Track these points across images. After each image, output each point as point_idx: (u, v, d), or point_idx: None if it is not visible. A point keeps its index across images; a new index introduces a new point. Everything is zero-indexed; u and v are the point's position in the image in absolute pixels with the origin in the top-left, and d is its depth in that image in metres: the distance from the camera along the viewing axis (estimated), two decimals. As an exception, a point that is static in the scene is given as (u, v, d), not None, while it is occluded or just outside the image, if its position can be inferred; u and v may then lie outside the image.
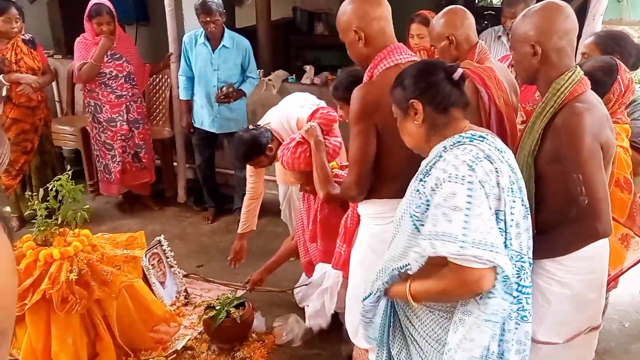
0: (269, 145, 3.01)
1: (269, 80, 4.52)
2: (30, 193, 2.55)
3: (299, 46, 6.61)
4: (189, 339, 2.87)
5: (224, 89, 3.94)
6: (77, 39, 3.96)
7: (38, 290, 2.29)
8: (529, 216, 1.56)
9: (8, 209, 4.32)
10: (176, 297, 3.27)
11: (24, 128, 3.92)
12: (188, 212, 4.57)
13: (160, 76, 4.70)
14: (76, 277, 2.34)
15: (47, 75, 4.07)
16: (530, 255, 1.59)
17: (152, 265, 3.19)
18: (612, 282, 2.37)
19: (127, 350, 2.70)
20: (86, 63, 3.88)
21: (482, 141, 1.48)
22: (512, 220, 1.47)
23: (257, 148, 2.97)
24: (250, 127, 3.11)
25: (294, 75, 4.61)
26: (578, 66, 1.76)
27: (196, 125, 4.14)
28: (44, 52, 4.18)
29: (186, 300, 3.27)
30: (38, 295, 2.28)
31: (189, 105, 4.14)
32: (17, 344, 2.44)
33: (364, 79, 1.95)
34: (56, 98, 5.30)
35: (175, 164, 4.75)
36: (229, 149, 4.44)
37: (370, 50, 1.91)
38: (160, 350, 2.78)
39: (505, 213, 1.45)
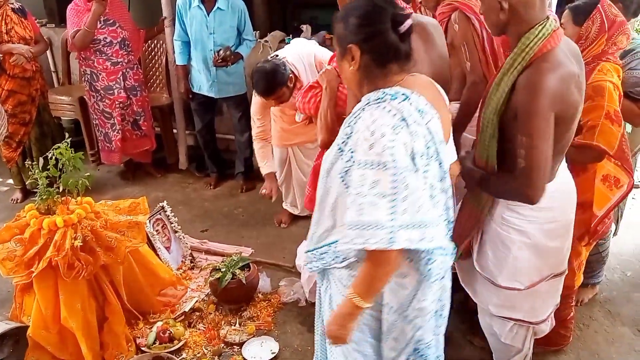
0: (290, 76, 2.96)
1: (266, 41, 4.44)
2: (30, 163, 2.55)
3: (295, 5, 6.45)
4: (196, 301, 2.91)
5: (221, 52, 3.88)
6: (69, 6, 3.89)
7: (44, 258, 2.31)
8: (446, 177, 1.52)
9: (11, 181, 4.35)
10: (182, 261, 3.31)
11: (20, 99, 3.89)
12: (190, 179, 4.58)
13: (155, 42, 4.63)
14: (81, 244, 2.36)
15: (40, 44, 4.01)
16: (450, 214, 1.58)
17: (157, 230, 3.21)
18: (601, 223, 2.37)
19: (136, 314, 2.75)
20: (79, 30, 3.82)
21: (404, 100, 1.40)
22: (425, 183, 1.42)
23: (279, 78, 2.91)
24: (269, 57, 3.03)
25: (290, 35, 4.53)
26: (550, 17, 1.70)
27: (194, 90, 4.10)
28: (36, 22, 4.11)
29: (192, 264, 3.31)
30: (44, 263, 2.31)
31: (186, 70, 4.09)
32: (26, 311, 2.49)
33: None
34: (52, 68, 5.23)
35: (175, 130, 4.73)
36: (228, 114, 4.42)
37: None
38: (168, 313, 2.83)
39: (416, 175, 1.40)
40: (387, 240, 1.34)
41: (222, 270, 2.89)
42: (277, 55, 3.04)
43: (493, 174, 1.82)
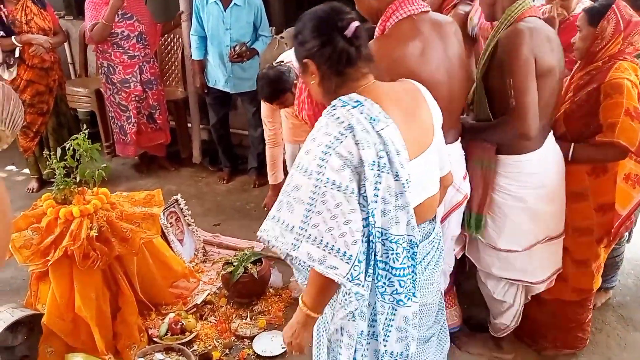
0: (295, 82, 2.96)
1: (281, 37, 4.44)
2: (48, 153, 2.58)
3: (310, 1, 6.47)
4: (208, 294, 2.93)
5: (237, 48, 3.89)
6: (87, -1, 3.92)
7: (60, 247, 2.34)
8: (405, 193, 1.38)
9: (27, 171, 4.39)
10: (195, 254, 3.33)
11: (38, 89, 3.93)
12: (203, 173, 4.60)
13: (172, 36, 4.66)
14: (96, 234, 2.39)
15: (58, 35, 4.05)
16: (415, 234, 1.43)
17: (170, 223, 3.23)
18: (624, 224, 2.39)
19: (149, 305, 2.77)
20: (97, 23, 3.85)
21: (355, 107, 1.36)
22: (377, 195, 1.34)
23: (283, 85, 2.92)
24: (274, 63, 3.05)
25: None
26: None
27: (210, 84, 4.12)
28: (55, 13, 4.15)
29: (204, 257, 3.33)
30: (60, 252, 2.34)
31: (202, 65, 4.11)
32: (41, 299, 2.52)
33: (376, 32, 1.90)
34: (69, 60, 5.28)
35: (189, 124, 4.75)
36: (242, 109, 4.42)
37: (380, 4, 1.84)
38: (180, 305, 2.86)
39: (366, 187, 1.33)
40: (290, 246, 1.34)
41: (234, 264, 2.91)
42: (282, 61, 3.06)
43: (491, 123, 2.08)
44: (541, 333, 2.59)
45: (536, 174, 2.14)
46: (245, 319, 2.79)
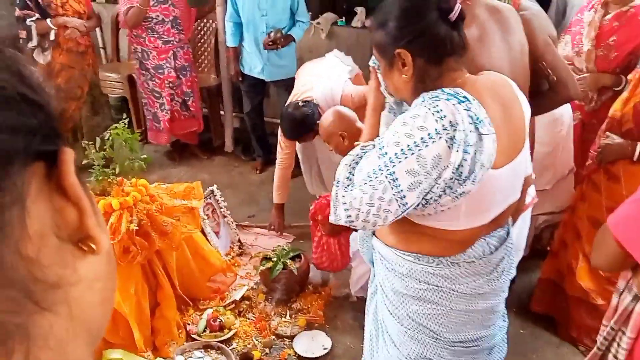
0: (318, 122, 2.92)
1: (317, 23, 4.32)
2: (86, 142, 2.50)
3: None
4: (247, 289, 2.85)
5: (272, 35, 3.76)
6: (122, -18, 3.83)
7: (100, 241, 2.27)
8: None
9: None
10: (230, 247, 3.25)
11: (73, 74, 3.87)
12: (236, 162, 4.51)
13: (205, 21, 4.54)
14: (136, 228, 2.32)
15: (93, 19, 3.98)
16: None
17: (207, 215, 3.15)
18: None
19: (187, 300, 2.71)
20: (132, 7, 3.75)
21: (462, 102, 1.18)
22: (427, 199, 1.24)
23: (308, 126, 2.93)
24: (300, 103, 3.02)
25: (343, 17, 4.39)
26: None
27: (245, 72, 4.00)
28: (88, -3, 4.07)
29: (240, 250, 3.25)
30: (100, 245, 2.26)
31: (236, 52, 3.99)
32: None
33: None
34: (100, 44, 5.21)
35: (222, 112, 4.66)
36: (276, 97, 4.31)
37: None
38: (218, 300, 2.78)
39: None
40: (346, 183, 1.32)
41: (272, 259, 2.82)
42: (308, 100, 3.00)
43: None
44: (592, 338, 2.46)
45: (555, 121, 2.52)
46: (285, 317, 2.71)
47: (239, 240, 3.30)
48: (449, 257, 1.38)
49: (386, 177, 1.22)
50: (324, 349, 2.52)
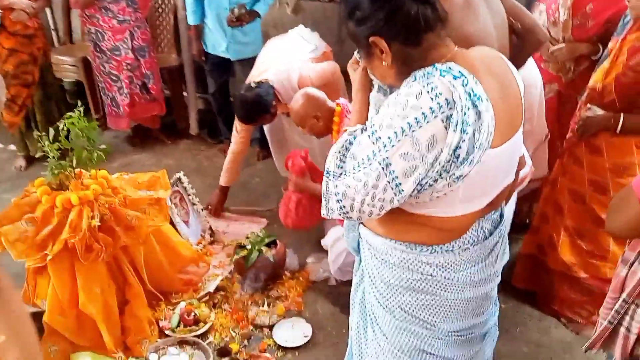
0: (274, 103, 2.88)
1: (283, -3, 4.14)
2: (38, 132, 2.31)
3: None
4: (221, 280, 2.73)
5: (235, 11, 3.57)
6: (70, -42, 3.57)
7: (59, 240, 2.11)
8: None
9: (13, 147, 4.11)
10: (201, 235, 3.11)
11: (22, 59, 3.60)
12: (202, 145, 4.34)
13: (162, -3, 4.30)
14: (99, 224, 2.16)
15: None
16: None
17: (174, 204, 3.00)
18: None
19: (157, 295, 2.57)
20: (82, -15, 3.51)
21: (457, 78, 1.10)
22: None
23: (262, 108, 2.86)
24: (252, 84, 2.92)
25: (309, -10, 4.21)
26: None
27: (209, 51, 3.80)
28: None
29: (212, 239, 3.12)
30: (60, 244, 2.11)
31: (198, 30, 3.78)
32: (40, 294, 2.29)
33: None
34: (51, 26, 4.91)
35: (184, 93, 4.46)
36: (242, 76, 4.12)
37: None
38: (191, 293, 2.66)
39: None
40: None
41: (247, 247, 2.70)
42: (261, 81, 2.91)
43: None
44: (575, 311, 2.47)
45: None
46: (263, 306, 2.60)
47: (210, 228, 3.17)
48: (443, 245, 1.30)
49: (379, 163, 1.13)
50: (305, 336, 2.44)
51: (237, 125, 3.17)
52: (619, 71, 2.06)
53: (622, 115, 2.07)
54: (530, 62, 2.36)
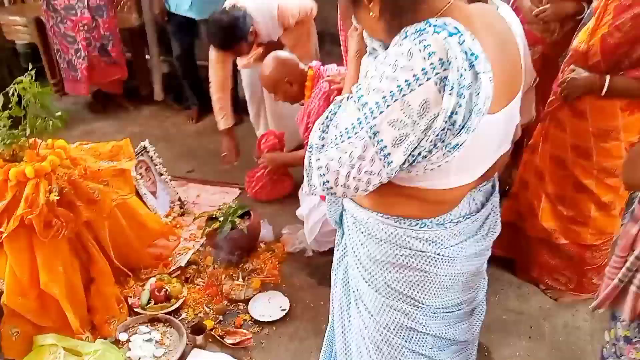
0: (250, 30, 2.69)
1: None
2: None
3: None
4: (192, 253, 2.61)
5: (199, -35, 3.35)
6: None
7: (15, 216, 1.95)
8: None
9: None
10: (170, 207, 2.97)
11: (-34, 19, 3.33)
12: (168, 111, 4.14)
13: (120, -48, 4.02)
14: (57, 198, 2.00)
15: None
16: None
17: (140, 174, 2.84)
18: None
19: (125, 271, 2.44)
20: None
21: (453, 35, 0.97)
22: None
23: (238, 33, 2.66)
24: (228, 7, 2.72)
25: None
26: None
27: (172, 10, 3.58)
28: None
29: (182, 210, 2.99)
30: (15, 221, 1.94)
31: (160, -14, 3.55)
32: (-1, 273, 2.14)
33: None
34: (-2, -17, 4.55)
35: (147, 57, 4.22)
36: (208, 38, 3.93)
37: None
38: (161, 268, 2.54)
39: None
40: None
41: (219, 219, 2.58)
42: (236, 5, 2.71)
43: None
44: (554, 277, 2.46)
45: None
46: (238, 280, 2.50)
47: (179, 199, 3.03)
48: (434, 218, 1.21)
49: (367, 132, 1.01)
50: (282, 310, 2.36)
51: (211, 56, 2.95)
52: (605, 31, 1.98)
53: (607, 77, 2.00)
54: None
